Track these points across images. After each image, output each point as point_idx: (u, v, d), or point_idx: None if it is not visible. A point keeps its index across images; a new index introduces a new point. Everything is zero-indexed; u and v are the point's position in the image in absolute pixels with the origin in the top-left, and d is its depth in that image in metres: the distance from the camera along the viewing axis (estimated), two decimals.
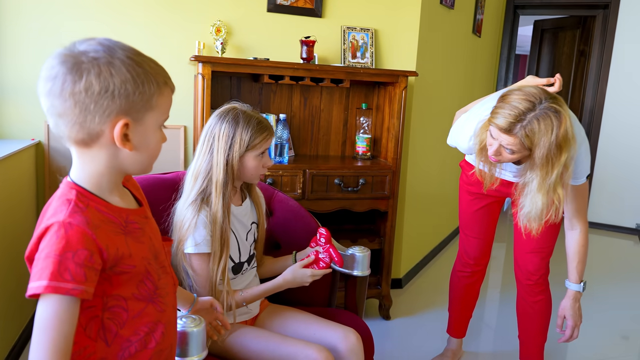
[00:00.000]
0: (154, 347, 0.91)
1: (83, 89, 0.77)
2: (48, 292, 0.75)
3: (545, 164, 1.49)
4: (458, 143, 1.87)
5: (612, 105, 4.64)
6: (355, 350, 1.42)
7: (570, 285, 1.84)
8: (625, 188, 4.67)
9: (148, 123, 0.85)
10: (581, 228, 1.79)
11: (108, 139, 0.82)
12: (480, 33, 4.03)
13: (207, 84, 2.12)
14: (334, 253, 1.48)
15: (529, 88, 1.49)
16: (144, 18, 2.36)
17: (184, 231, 1.35)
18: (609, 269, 3.80)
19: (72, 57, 0.78)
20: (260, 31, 2.52)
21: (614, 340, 2.64)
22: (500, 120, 1.48)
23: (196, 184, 1.39)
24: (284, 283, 1.47)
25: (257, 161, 1.41)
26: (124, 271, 0.85)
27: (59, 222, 0.78)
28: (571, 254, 1.83)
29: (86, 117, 0.79)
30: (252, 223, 1.54)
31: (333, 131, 2.70)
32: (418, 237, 3.28)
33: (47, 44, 2.25)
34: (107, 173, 0.86)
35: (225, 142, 1.37)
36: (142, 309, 0.89)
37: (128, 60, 0.80)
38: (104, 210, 0.85)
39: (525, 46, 7.65)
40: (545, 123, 1.43)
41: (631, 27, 4.48)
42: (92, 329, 0.84)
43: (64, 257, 0.76)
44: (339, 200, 2.40)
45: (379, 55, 2.74)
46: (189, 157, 2.50)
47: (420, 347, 2.39)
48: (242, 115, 1.40)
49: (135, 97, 0.81)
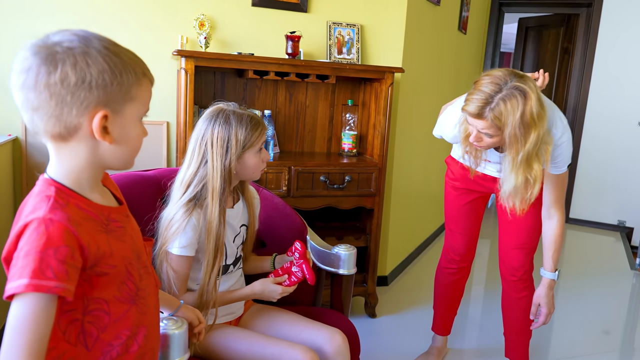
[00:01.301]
0: (136, 350, 0.88)
1: (58, 80, 0.74)
2: (29, 291, 0.71)
3: (514, 142, 1.51)
4: (444, 132, 1.88)
5: (595, 102, 4.69)
6: (342, 351, 1.40)
7: (546, 273, 1.86)
8: (607, 185, 4.72)
9: (128, 115, 0.82)
10: (558, 217, 1.80)
11: (87, 132, 0.79)
12: (466, 30, 4.04)
13: (190, 79, 2.08)
14: (307, 270, 1.44)
15: (497, 71, 1.52)
16: (125, 11, 2.30)
17: (172, 231, 1.31)
18: (591, 265, 3.84)
19: (45, 48, 0.75)
20: (245, 26, 2.49)
21: (595, 335, 2.66)
22: (470, 106, 1.52)
23: (187, 191, 1.34)
24: (251, 294, 1.43)
25: (256, 158, 1.39)
26: (104, 272, 0.82)
27: (38, 219, 0.75)
28: (548, 242, 1.84)
29: (63, 110, 0.76)
30: (242, 226, 1.50)
31: (319, 128, 2.68)
32: (404, 234, 3.27)
33: (22, 38, 2.19)
34: (87, 169, 0.82)
35: (221, 146, 1.32)
36: (124, 311, 0.86)
37: (104, 50, 0.78)
38: (85, 208, 0.81)
39: (510, 43, 7.70)
40: (511, 103, 1.46)
41: (614, 26, 4.52)
42: (72, 333, 0.81)
43: (45, 254, 0.72)
44: (325, 198, 2.38)
45: (365, 51, 2.72)
46: (171, 154, 2.46)
47: (406, 345, 2.39)
48: (233, 115, 1.35)
49: (114, 88, 0.78)
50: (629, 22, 4.46)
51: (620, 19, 4.49)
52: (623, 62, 4.52)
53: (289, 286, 1.44)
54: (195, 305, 1.34)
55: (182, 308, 1.23)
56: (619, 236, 4.58)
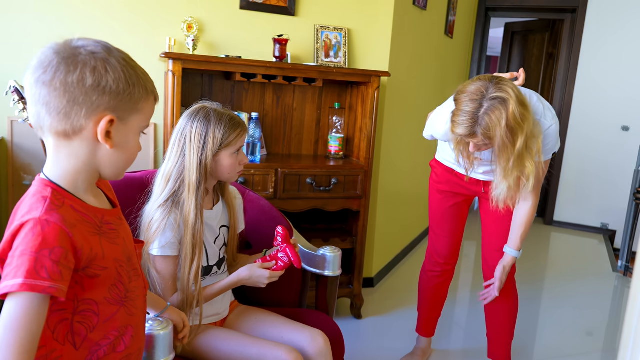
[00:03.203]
0: (122, 350, 0.90)
1: (76, 80, 0.78)
2: (24, 290, 0.73)
3: (504, 149, 1.55)
4: (435, 130, 1.89)
5: (579, 106, 4.76)
6: (324, 352, 1.42)
7: (512, 251, 1.90)
8: (590, 188, 4.79)
9: (131, 125, 0.86)
10: (533, 201, 1.85)
11: (90, 133, 0.82)
12: (452, 34, 4.08)
13: (177, 81, 2.09)
14: (292, 253, 1.41)
15: (472, 85, 1.55)
16: (112, 12, 2.30)
17: (152, 232, 1.33)
18: (574, 267, 3.89)
19: (69, 49, 0.80)
20: (233, 29, 2.50)
21: (578, 336, 2.71)
22: (460, 129, 1.55)
23: (167, 185, 1.36)
24: (237, 281, 1.40)
25: (232, 159, 1.40)
26: (96, 273, 0.84)
27: (35, 219, 0.77)
28: (518, 222, 1.88)
29: (73, 108, 0.80)
30: (222, 227, 1.51)
31: (306, 130, 2.70)
32: (390, 236, 3.30)
33: (10, 42, 2.18)
34: (84, 170, 0.85)
35: (198, 141, 1.35)
36: (113, 313, 0.88)
37: (123, 62, 0.83)
38: (80, 210, 0.84)
39: (496, 48, 7.79)
40: (495, 115, 1.49)
41: (597, 31, 4.60)
42: (61, 332, 0.82)
43: (41, 255, 0.75)
44: (311, 200, 2.39)
45: (352, 54, 2.74)
46: (159, 156, 2.46)
47: (391, 346, 2.41)
48: (214, 113, 1.38)
49: (124, 97, 0.83)
50: (613, 28, 4.53)
51: (604, 25, 4.57)
52: (607, 68, 4.60)
53: (276, 270, 1.41)
54: (178, 305, 1.35)
55: (168, 310, 1.24)
56: (602, 239, 4.65)
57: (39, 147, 2.16)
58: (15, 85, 1.87)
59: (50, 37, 2.32)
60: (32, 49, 2.20)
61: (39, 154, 2.20)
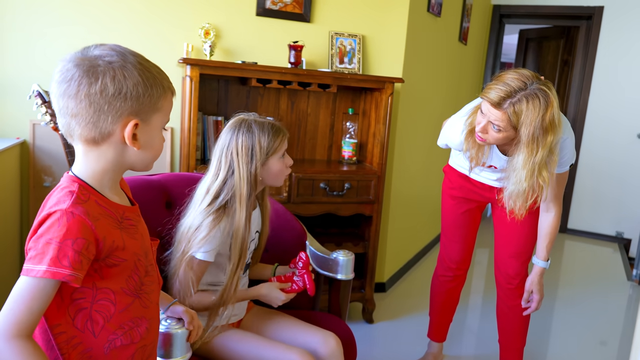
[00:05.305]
0: (138, 341, 0.95)
1: (98, 90, 0.83)
2: (46, 277, 0.80)
3: (531, 141, 1.53)
4: (449, 139, 1.90)
5: (594, 114, 4.73)
6: (335, 354, 1.45)
7: (539, 262, 1.91)
8: (605, 196, 4.75)
9: (154, 124, 0.91)
10: (556, 211, 1.86)
11: (118, 138, 0.87)
12: (467, 41, 4.09)
13: (195, 86, 2.13)
14: (308, 280, 1.50)
15: (525, 70, 1.55)
16: (132, 19, 2.36)
17: (200, 237, 1.34)
18: (588, 275, 3.87)
19: (88, 61, 0.84)
20: (249, 35, 2.54)
21: (592, 345, 2.69)
22: (492, 94, 1.53)
23: (217, 200, 1.37)
24: (257, 295, 1.49)
25: (280, 164, 1.44)
26: (115, 263, 0.89)
27: (61, 210, 0.82)
28: (543, 233, 1.89)
29: (99, 117, 0.84)
30: (256, 232, 1.56)
31: (319, 135, 2.72)
32: (402, 241, 3.31)
33: (33, 46, 2.24)
34: (111, 170, 0.91)
35: (246, 154, 1.38)
36: (129, 303, 0.93)
37: (139, 65, 0.87)
38: (103, 205, 0.89)
39: (511, 54, 7.75)
40: (533, 103, 1.49)
41: (613, 38, 4.57)
42: (80, 320, 0.88)
43: (64, 244, 0.81)
44: (325, 204, 2.42)
45: (366, 61, 2.77)
46: (175, 159, 2.50)
47: (403, 351, 2.42)
48: (255, 123, 1.41)
49: (145, 99, 0.87)
50: (629, 35, 4.51)
51: (619, 32, 4.54)
52: (622, 75, 4.56)
53: (289, 293, 1.49)
54: (215, 303, 1.39)
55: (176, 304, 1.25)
56: (617, 247, 4.61)
57: (60, 150, 2.21)
58: (39, 90, 1.92)
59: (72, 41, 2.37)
60: (55, 55, 2.26)
61: (59, 156, 2.26)
